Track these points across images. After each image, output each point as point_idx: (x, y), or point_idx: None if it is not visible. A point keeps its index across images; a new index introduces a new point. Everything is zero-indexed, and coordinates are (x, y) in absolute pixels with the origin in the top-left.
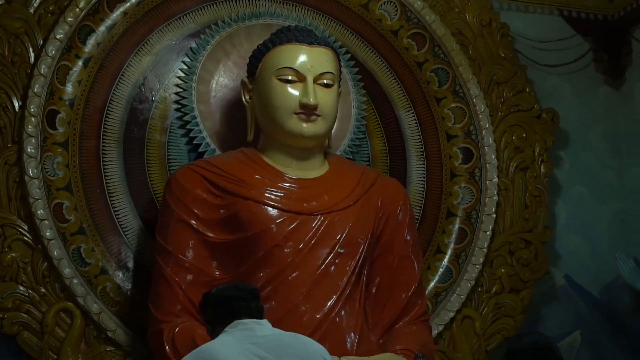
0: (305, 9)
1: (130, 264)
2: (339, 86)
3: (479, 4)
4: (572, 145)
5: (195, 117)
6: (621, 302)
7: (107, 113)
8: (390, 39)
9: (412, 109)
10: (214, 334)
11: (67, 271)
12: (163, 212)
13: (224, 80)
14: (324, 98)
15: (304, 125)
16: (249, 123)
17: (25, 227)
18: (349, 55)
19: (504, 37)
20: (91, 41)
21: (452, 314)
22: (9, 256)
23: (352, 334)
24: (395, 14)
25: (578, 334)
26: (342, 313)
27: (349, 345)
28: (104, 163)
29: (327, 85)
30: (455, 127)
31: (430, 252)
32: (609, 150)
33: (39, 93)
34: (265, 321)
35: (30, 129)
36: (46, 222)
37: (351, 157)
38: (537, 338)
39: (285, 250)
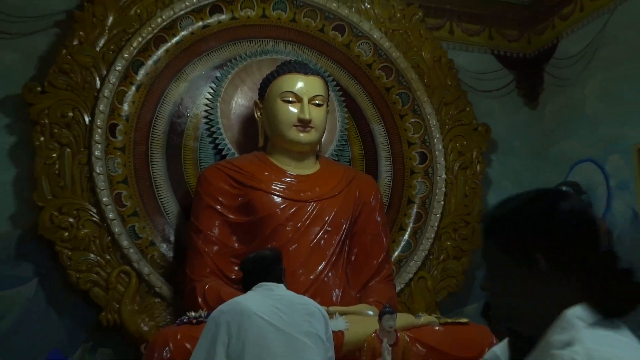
0: (302, 47)
1: (172, 238)
2: (327, 105)
3: (431, 45)
4: (500, 151)
5: (219, 129)
6: None
7: (153, 126)
8: (365, 70)
9: (382, 123)
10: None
11: (125, 243)
12: (196, 200)
13: (241, 101)
14: (316, 114)
15: (301, 134)
16: (260, 133)
17: (94, 211)
18: (334, 82)
19: (450, 70)
20: (142, 72)
21: (410, 275)
22: (82, 232)
23: (337, 290)
24: (370, 52)
25: None
26: (330, 275)
27: (334, 298)
28: (152, 163)
29: (318, 105)
30: (414, 136)
31: (395, 230)
32: (527, 155)
33: (103, 110)
34: (282, 285)
35: (97, 137)
36: (109, 207)
37: (336, 158)
38: None
39: (287, 228)
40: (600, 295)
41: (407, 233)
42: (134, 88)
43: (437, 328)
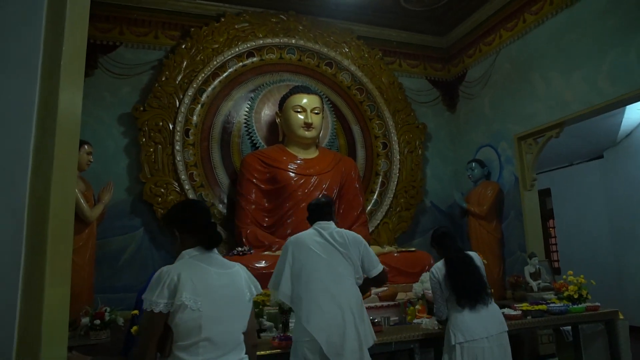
0: (306, 77)
1: (225, 201)
2: (323, 113)
3: (387, 73)
4: (433, 140)
5: (254, 130)
6: (456, 212)
7: (212, 129)
8: (346, 90)
9: (358, 124)
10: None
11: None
12: (239, 176)
13: (267, 112)
14: (316, 120)
15: (306, 133)
16: (280, 132)
17: (176, 185)
18: (327, 98)
19: (400, 89)
20: (204, 95)
21: (378, 222)
22: (169, 198)
23: None
24: (349, 79)
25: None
26: None
27: None
28: (211, 153)
29: (317, 114)
30: (379, 132)
31: (367, 192)
32: (449, 142)
33: (181, 121)
34: (331, 222)
35: (177, 138)
36: (185, 181)
37: (329, 147)
38: (444, 229)
39: (298, 193)
40: (199, 242)
41: (375, 194)
42: (199, 106)
43: (395, 254)
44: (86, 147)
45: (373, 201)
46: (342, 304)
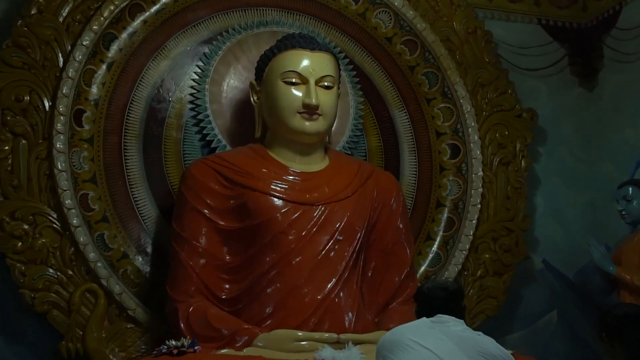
0: (307, 17)
1: (149, 249)
2: (339, 88)
3: (465, 14)
4: (549, 142)
5: (208, 116)
6: (593, 283)
7: (128, 112)
8: (384, 45)
9: (404, 109)
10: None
11: (92, 255)
12: (179, 202)
13: (234, 82)
14: (324, 99)
15: (307, 123)
16: (257, 121)
17: (55, 216)
18: (347, 60)
19: (487, 44)
20: (114, 47)
21: None
22: (39, 242)
23: (350, 314)
24: (390, 23)
25: (555, 312)
26: (341, 294)
27: (347, 323)
28: (126, 157)
29: (327, 87)
30: (444, 125)
31: (421, 239)
32: (581, 146)
33: (67, 94)
34: (462, 321)
35: (59, 126)
36: (73, 211)
37: (349, 152)
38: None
39: (289, 237)
40: None
41: (436, 243)
42: (104, 67)
43: None
44: None
45: (431, 256)
46: None
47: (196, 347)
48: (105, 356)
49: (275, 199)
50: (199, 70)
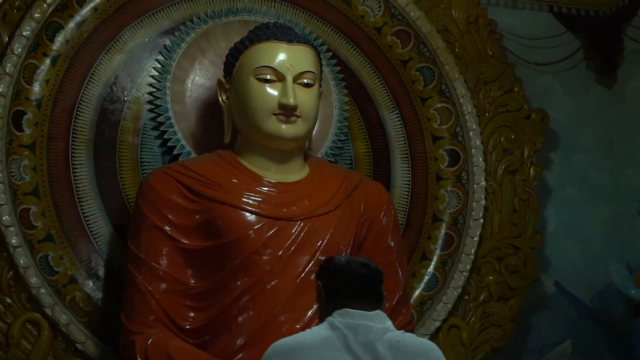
0: (284, 5)
1: (101, 272)
2: (320, 86)
3: (465, 0)
4: (563, 147)
5: (169, 118)
6: (614, 309)
7: (76, 114)
8: (373, 37)
9: (396, 110)
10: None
11: (34, 280)
12: (135, 218)
13: (199, 79)
14: (304, 98)
15: (283, 126)
16: (226, 124)
17: None
18: (330, 54)
19: (491, 34)
20: (59, 38)
21: (438, 324)
22: None
23: None
24: (379, 10)
25: (569, 343)
26: None
27: None
28: (74, 166)
29: (307, 85)
30: (442, 128)
31: (416, 259)
32: (601, 151)
33: (4, 93)
34: (384, 315)
35: None
36: (12, 228)
37: (333, 159)
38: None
39: (264, 257)
40: None
41: (433, 264)
42: (48, 62)
43: None
44: None
45: (427, 279)
46: None
47: None
48: None
49: (248, 214)
50: (159, 66)
